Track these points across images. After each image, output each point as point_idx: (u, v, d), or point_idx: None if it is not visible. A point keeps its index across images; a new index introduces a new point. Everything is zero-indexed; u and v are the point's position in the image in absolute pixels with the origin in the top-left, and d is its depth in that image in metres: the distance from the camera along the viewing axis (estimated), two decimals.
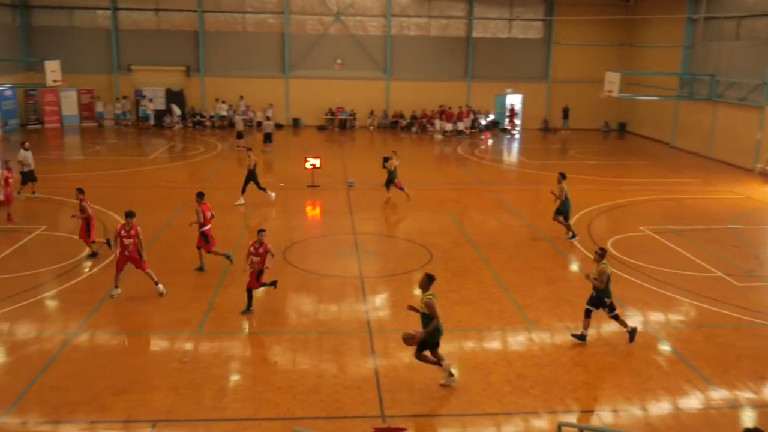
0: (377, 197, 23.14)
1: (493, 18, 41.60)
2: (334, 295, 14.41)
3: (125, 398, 10.07)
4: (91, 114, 40.27)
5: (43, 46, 39.14)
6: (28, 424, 9.39)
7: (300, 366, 11.25)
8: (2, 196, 19.07)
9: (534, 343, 12.35)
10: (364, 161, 29.73)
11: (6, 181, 19.36)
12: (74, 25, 40.02)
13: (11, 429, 9.27)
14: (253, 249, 13.02)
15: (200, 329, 12.57)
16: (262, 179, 22.82)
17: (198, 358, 11.47)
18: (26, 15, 39.44)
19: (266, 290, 14.79)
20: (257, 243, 13.03)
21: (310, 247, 17.98)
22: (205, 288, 14.59)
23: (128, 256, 13.85)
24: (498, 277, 15.59)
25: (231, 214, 20.75)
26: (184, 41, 40.46)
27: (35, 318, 12.98)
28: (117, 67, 40.44)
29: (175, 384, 10.50)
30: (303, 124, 41.55)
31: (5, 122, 36.01)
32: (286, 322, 13.17)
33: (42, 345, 11.84)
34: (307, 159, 24.40)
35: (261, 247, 13.00)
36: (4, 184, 19.27)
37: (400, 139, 37.96)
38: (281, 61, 40.96)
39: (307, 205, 22.68)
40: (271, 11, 40.45)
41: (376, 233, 19.41)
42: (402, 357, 11.63)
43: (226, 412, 9.82)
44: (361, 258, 17.03)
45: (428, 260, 16.77)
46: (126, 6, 39.83)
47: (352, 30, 40.78)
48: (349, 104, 41.49)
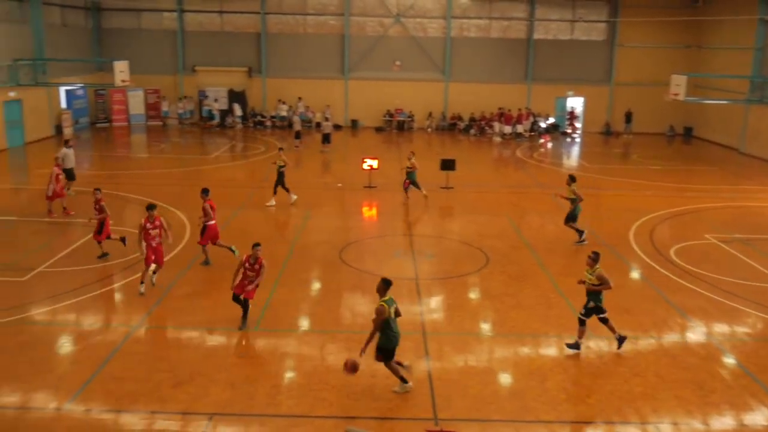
0: (434, 199, 23.07)
1: (555, 19, 40.97)
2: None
3: (183, 390, 10.31)
4: (156, 113, 41.46)
5: (112, 47, 40.54)
6: (91, 412, 9.72)
7: None
8: (50, 191, 19.72)
9: (591, 350, 12.08)
10: (421, 163, 29.65)
11: (56, 177, 20.03)
12: (142, 27, 41.31)
13: (76, 416, 9.61)
14: (248, 264, 12.36)
15: (257, 326, 12.76)
16: (321, 179, 23.08)
17: (254, 354, 11.66)
18: (97, 17, 40.93)
19: (325, 289, 14.96)
20: (252, 258, 12.36)
21: (365, 248, 18.06)
22: (262, 286, 14.76)
23: (155, 247, 14.13)
24: (555, 283, 15.33)
25: (290, 213, 21.02)
26: (247, 43, 41.23)
27: (100, 310, 13.43)
28: (182, 68, 41.53)
29: (231, 379, 10.69)
30: (361, 125, 41.79)
31: (76, 120, 37.42)
32: (341, 321, 13.25)
33: (106, 336, 12.24)
34: (365, 160, 24.52)
35: (256, 262, 12.36)
36: (54, 180, 19.96)
37: (458, 142, 37.77)
38: (341, 62, 41.30)
39: (364, 205, 22.78)
40: (331, 13, 40.85)
41: (432, 235, 19.35)
42: (456, 361, 11.56)
43: (281, 408, 9.94)
44: (417, 259, 17.00)
45: (484, 263, 16.62)
46: (191, 8, 40.89)
47: (411, 31, 40.81)
48: (408, 106, 41.52)
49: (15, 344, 11.75)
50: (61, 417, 9.57)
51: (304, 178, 26.35)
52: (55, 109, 36.02)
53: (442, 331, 12.85)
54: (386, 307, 10.09)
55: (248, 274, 12.40)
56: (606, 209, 22.97)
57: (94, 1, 39.90)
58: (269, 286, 14.70)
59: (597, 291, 11.83)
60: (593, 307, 11.93)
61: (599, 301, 11.92)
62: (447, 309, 14.02)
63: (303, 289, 14.89)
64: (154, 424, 9.46)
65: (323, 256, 16.95)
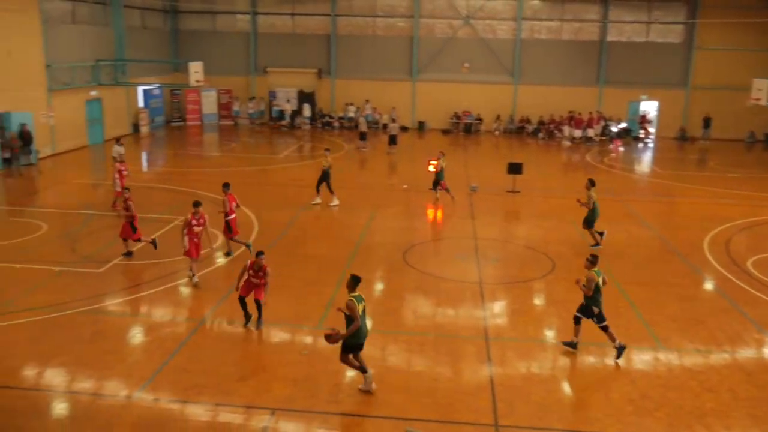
0: (500, 203, 22.84)
1: (630, 21, 39.89)
2: (452, 299, 14.35)
3: (247, 384, 10.52)
4: (228, 113, 42.53)
5: (188, 48, 41.81)
6: (159, 402, 10.03)
7: (415, 367, 11.29)
8: (119, 187, 20.39)
9: (660, 362, 11.70)
10: (488, 166, 29.43)
11: (120, 173, 20.74)
12: (217, 29, 42.45)
13: (145, 404, 9.94)
14: (252, 272, 12.29)
15: (320, 324, 12.90)
16: (387, 180, 23.14)
17: (316, 352, 11.79)
18: (175, 20, 42.29)
19: (388, 290, 15.02)
20: (256, 266, 12.25)
21: (429, 250, 18.02)
22: (326, 284, 14.97)
23: (197, 243, 14.57)
24: (624, 291, 14.91)
25: (355, 213, 21.17)
26: (317, 44, 41.80)
27: (170, 302, 13.85)
28: (254, 69, 42.44)
29: (294, 375, 10.84)
30: (428, 127, 41.74)
31: (152, 119, 38.78)
32: (403, 322, 13.26)
33: (175, 328, 12.61)
34: (431, 162, 24.46)
35: (261, 270, 12.26)
36: (118, 177, 20.68)
37: (527, 145, 37.24)
38: (409, 64, 41.36)
39: (429, 207, 22.73)
40: (401, 15, 40.97)
41: (497, 239, 19.15)
42: (519, 367, 11.40)
43: (341, 406, 10.02)
44: (481, 263, 16.85)
45: (550, 269, 16.33)
46: (265, 11, 41.76)
47: (481, 33, 40.51)
48: (475, 108, 41.23)
49: (90, 333, 12.25)
50: (131, 405, 9.91)
51: (369, 179, 26.54)
52: (133, 108, 37.45)
53: (505, 336, 12.69)
54: (355, 303, 10.12)
55: (252, 281, 12.36)
56: (680, 217, 22.24)
57: (172, 4, 41.25)
58: (333, 285, 14.86)
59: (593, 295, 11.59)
60: (586, 306, 11.74)
61: (598, 304, 11.64)
62: (511, 314, 13.84)
63: (366, 289, 14.84)
64: (218, 417, 9.69)
65: (387, 257, 17.00)
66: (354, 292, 10.32)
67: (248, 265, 12.41)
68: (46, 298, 13.72)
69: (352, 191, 24.02)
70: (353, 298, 10.20)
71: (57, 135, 30.00)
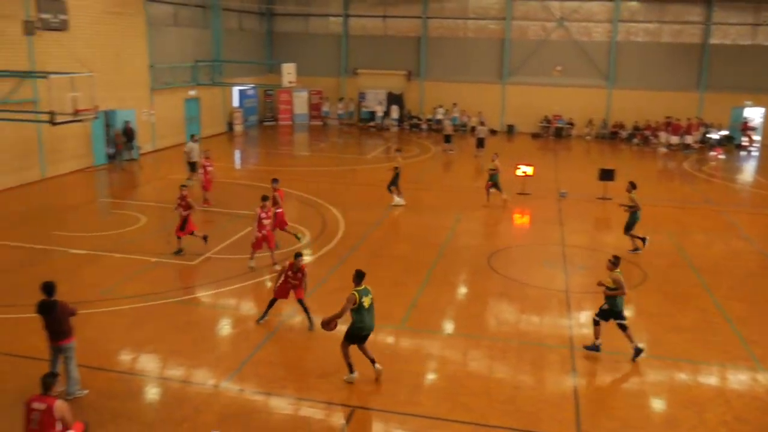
0: (590, 209, 22.25)
1: (735, 23, 37.94)
2: (537, 307, 14.07)
3: (329, 381, 10.67)
4: (318, 113, 43.37)
5: (282, 50, 42.93)
6: (244, 392, 10.32)
7: (497, 374, 11.13)
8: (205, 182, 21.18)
9: (759, 384, 11.05)
10: (578, 172, 28.70)
11: (204, 169, 21.38)
12: (310, 32, 43.37)
13: (230, 394, 10.25)
14: (291, 273, 12.43)
15: (402, 324, 12.94)
16: (473, 183, 22.97)
17: (397, 352, 11.82)
18: (270, 22, 43.50)
19: (471, 294, 14.92)
20: (294, 267, 12.40)
21: (515, 255, 17.73)
22: (409, 285, 14.99)
23: (266, 234, 15.54)
24: (721, 307, 14.19)
25: (441, 216, 21.11)
26: (407, 46, 41.99)
27: (258, 297, 14.23)
28: (344, 71, 43.08)
29: (374, 374, 10.90)
30: (517, 130, 41.14)
31: (246, 118, 40.02)
32: (486, 327, 13.11)
33: (264, 322, 12.93)
34: (519, 166, 24.11)
35: (299, 271, 12.41)
36: (203, 173, 21.35)
37: (620, 151, 36.08)
38: (499, 66, 40.89)
39: (516, 212, 22.39)
40: (493, 17, 40.56)
41: (585, 246, 18.63)
42: (605, 379, 11.05)
43: (420, 408, 10.00)
44: (568, 271, 16.44)
45: (641, 280, 15.75)
46: (356, 13, 42.32)
47: (575, 36, 39.56)
48: (567, 112, 40.30)
49: (182, 322, 12.76)
50: (217, 393, 10.25)
51: (456, 182, 26.39)
52: (228, 107, 38.78)
53: None
54: (357, 296, 10.35)
55: (291, 282, 12.49)
56: None
57: (268, 7, 42.46)
58: (417, 286, 14.86)
59: (614, 296, 11.59)
60: (607, 310, 11.75)
61: (616, 306, 11.66)
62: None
63: (449, 292, 14.90)
64: (300, 411, 9.88)
65: (471, 261, 16.86)
66: (359, 286, 10.55)
67: (287, 266, 12.59)
68: (143, 287, 14.41)
69: (438, 194, 23.96)
70: (355, 292, 10.43)
71: (157, 132, 31.45)
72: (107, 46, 27.34)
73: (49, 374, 7.84)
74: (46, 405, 7.44)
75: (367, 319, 10.54)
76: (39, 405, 7.45)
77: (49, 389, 7.60)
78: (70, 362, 9.88)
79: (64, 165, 25.70)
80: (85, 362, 10.67)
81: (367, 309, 10.52)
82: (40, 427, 7.42)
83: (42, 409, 7.42)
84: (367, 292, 10.59)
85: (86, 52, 25.31)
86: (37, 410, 7.43)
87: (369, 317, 10.58)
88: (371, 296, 10.64)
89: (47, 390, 7.58)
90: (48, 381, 7.63)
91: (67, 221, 19.72)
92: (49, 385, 7.60)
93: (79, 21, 25.41)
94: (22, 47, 23.06)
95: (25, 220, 19.50)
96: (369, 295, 10.59)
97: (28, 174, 24.01)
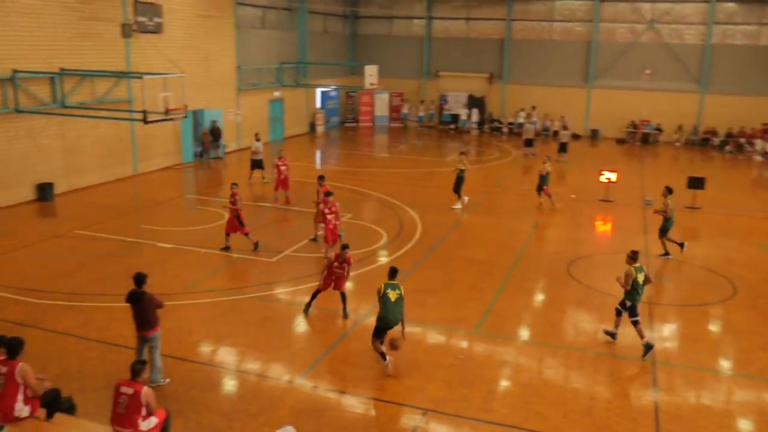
0: (677, 219, 21.36)
1: None
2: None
3: (402, 383, 10.69)
4: (398, 115, 43.57)
5: (364, 52, 43.38)
6: (318, 389, 10.47)
7: (573, 384, 10.87)
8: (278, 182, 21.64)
9: None
10: (665, 179, 27.60)
11: (278, 168, 21.66)
12: (392, 34, 43.63)
13: (304, 390, 10.43)
14: (337, 263, 13.03)
15: (477, 329, 12.82)
16: (554, 188, 22.55)
17: (472, 357, 11.72)
18: (354, 24, 44.03)
19: (549, 302, 14.67)
20: (341, 258, 13.03)
21: (595, 263, 17.26)
22: (485, 290, 14.84)
23: (331, 229, 16.06)
24: None
25: (519, 220, 20.80)
26: (490, 49, 41.60)
27: (333, 295, 14.34)
28: (426, 73, 43.10)
29: (448, 378, 10.86)
30: (602, 135, 40.05)
31: (327, 119, 40.65)
32: (563, 336, 12.81)
33: (337, 321, 13.11)
34: (603, 172, 23.46)
35: (345, 261, 13.03)
36: (276, 172, 21.64)
37: (711, 158, 34.55)
38: (585, 70, 39.93)
39: (598, 219, 21.80)
40: (579, 19, 39.65)
41: (671, 257, 17.91)
42: (688, 396, 10.60)
43: (493, 415, 9.88)
44: (652, 282, 15.82)
45: (730, 294, 15.02)
46: (440, 15, 42.27)
47: (665, 38, 38.14)
48: (655, 117, 38.91)
49: (260, 318, 13.07)
50: (292, 389, 10.44)
51: (535, 187, 25.92)
52: (310, 109, 39.49)
53: (674, 362, 11.85)
54: (381, 288, 11.03)
55: (335, 271, 13.06)
56: None
57: (352, 10, 43.00)
58: (492, 291, 14.71)
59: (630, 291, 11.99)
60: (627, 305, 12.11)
61: (635, 300, 12.00)
62: (682, 339, 12.91)
63: (526, 298, 14.66)
64: (372, 410, 9.94)
65: (550, 268, 16.53)
66: (391, 281, 11.23)
67: (334, 257, 13.21)
68: (224, 282, 14.86)
69: (517, 197, 23.63)
70: (383, 285, 11.12)
71: (242, 132, 32.37)
72: (197, 48, 28.37)
73: (139, 361, 8.22)
74: (134, 390, 7.82)
75: (390, 314, 10.94)
76: (127, 389, 7.83)
77: (138, 375, 7.98)
78: (154, 351, 10.32)
79: (154, 162, 26.85)
80: (168, 352, 11.12)
81: (393, 302, 10.97)
82: (126, 411, 7.78)
83: (130, 393, 7.80)
84: (396, 287, 11.12)
85: (178, 54, 26.35)
86: (125, 394, 7.82)
87: (392, 312, 10.95)
88: (399, 292, 11.08)
89: (136, 376, 7.96)
90: (137, 368, 8.01)
91: (155, 215, 20.57)
92: (138, 372, 7.98)
93: (172, 24, 26.51)
94: (120, 49, 24.24)
95: (117, 213, 20.47)
96: (397, 290, 11.09)
97: (121, 169, 25.21)
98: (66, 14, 21.90)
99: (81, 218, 19.70)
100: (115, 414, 7.86)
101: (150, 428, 7.99)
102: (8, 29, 20.08)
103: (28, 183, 21.42)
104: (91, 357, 11.29)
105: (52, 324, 12.47)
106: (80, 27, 22.49)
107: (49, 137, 22.03)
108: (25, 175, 21.30)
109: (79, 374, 10.63)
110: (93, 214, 20.14)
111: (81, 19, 22.48)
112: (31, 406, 8.06)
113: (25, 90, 20.76)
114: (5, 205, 20.61)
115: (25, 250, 16.83)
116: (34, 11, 20.78)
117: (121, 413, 7.82)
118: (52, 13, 21.39)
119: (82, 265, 15.76)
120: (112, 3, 23.64)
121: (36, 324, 12.42)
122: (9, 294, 13.83)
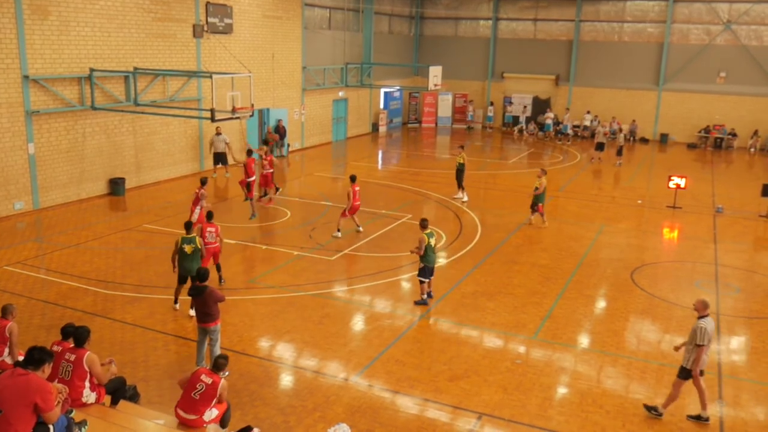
0: (750, 228, 20.58)
1: None
2: (682, 328, 13.18)
3: (458, 385, 10.64)
4: (462, 116, 43.34)
5: (429, 53, 43.38)
6: (373, 388, 10.53)
7: (634, 394, 10.59)
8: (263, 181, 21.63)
9: None
10: (738, 186, 26.64)
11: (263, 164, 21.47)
12: (458, 35, 43.43)
13: (359, 388, 10.50)
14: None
15: (535, 335, 12.65)
16: (620, 193, 21.99)
17: (529, 362, 11.57)
18: (419, 26, 44.04)
19: (611, 310, 14.37)
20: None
21: (661, 272, 16.76)
22: (546, 295, 14.62)
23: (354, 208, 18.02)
24: None
25: (583, 225, 20.40)
26: (558, 50, 40.93)
27: (392, 295, 14.46)
28: (491, 74, 42.74)
29: (504, 383, 10.75)
30: (671, 140, 38.86)
31: (390, 120, 40.78)
32: (625, 345, 12.49)
33: (393, 321, 13.15)
34: (672, 178, 22.77)
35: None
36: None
37: None
38: (656, 72, 38.80)
39: (665, 226, 21.17)
40: (651, 20, 38.56)
41: (741, 267, 17.24)
42: (756, 412, 10.18)
43: (550, 422, 9.72)
44: (720, 292, 15.29)
45: None
46: (507, 16, 41.84)
47: (743, 40, 36.69)
48: (729, 122, 37.50)
49: (319, 315, 13.23)
50: (347, 387, 10.53)
51: (601, 191, 25.39)
52: (374, 109, 39.71)
53: (741, 376, 11.41)
54: (426, 238, 13.46)
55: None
56: None
57: (419, 11, 43.02)
58: (553, 297, 14.48)
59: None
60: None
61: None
62: (751, 352, 12.41)
63: (587, 305, 14.36)
64: (426, 412, 9.92)
65: (613, 274, 16.15)
66: (426, 231, 13.60)
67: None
68: (285, 279, 15.10)
69: (582, 202, 23.17)
70: (425, 235, 13.51)
71: (306, 131, 32.82)
72: (265, 49, 28.92)
73: (222, 356, 8.90)
74: (213, 381, 8.36)
75: (431, 255, 13.65)
76: (207, 378, 8.38)
77: (221, 369, 8.68)
78: (215, 344, 10.61)
79: None
80: (228, 346, 11.39)
81: (432, 247, 13.58)
82: (200, 398, 8.28)
83: (208, 383, 8.33)
84: (432, 235, 13.71)
85: (246, 54, 26.93)
86: (204, 383, 8.33)
87: (433, 254, 13.72)
88: (435, 237, 13.95)
89: (218, 369, 8.64)
90: (220, 362, 8.77)
91: (221, 212, 21.04)
92: (221, 366, 8.73)
93: (241, 25, 27.12)
94: (191, 49, 24.95)
95: (184, 209, 21.04)
96: (433, 236, 13.76)
97: (189, 166, 25.94)
98: (142, 15, 22.69)
99: (150, 213, 20.39)
100: (188, 398, 8.30)
101: (211, 419, 8.29)
102: (88, 29, 20.94)
103: (101, 177, 22.30)
104: (156, 347, 11.66)
105: (121, 314, 12.95)
106: (154, 27, 23.27)
107: (122, 134, 22.87)
108: (99, 170, 22.18)
109: (144, 364, 11.00)
110: (161, 209, 20.80)
111: (155, 20, 23.25)
112: (98, 392, 8.40)
113: (101, 88, 21.61)
114: (80, 198, 21.51)
115: (96, 241, 17.53)
116: (112, 12, 21.61)
117: (194, 399, 8.27)
118: (129, 14, 22.20)
119: (149, 258, 16.31)
120: (186, 4, 24.37)
121: (105, 314, 12.93)
122: (81, 284, 14.44)
